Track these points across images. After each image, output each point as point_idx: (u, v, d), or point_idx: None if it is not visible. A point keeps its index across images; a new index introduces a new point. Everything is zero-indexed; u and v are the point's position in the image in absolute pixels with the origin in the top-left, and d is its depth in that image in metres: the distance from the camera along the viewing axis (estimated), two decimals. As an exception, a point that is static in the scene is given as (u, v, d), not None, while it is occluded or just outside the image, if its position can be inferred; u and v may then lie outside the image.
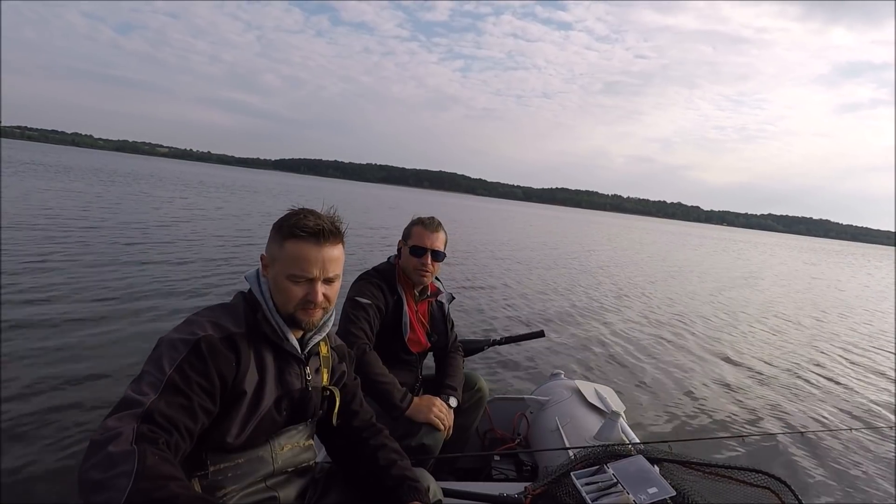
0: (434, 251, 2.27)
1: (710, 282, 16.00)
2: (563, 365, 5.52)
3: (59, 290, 6.06)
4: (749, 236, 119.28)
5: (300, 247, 1.33)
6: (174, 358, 1.18)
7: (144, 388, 1.14)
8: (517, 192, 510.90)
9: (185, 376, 1.17)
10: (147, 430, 1.06)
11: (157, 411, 1.11)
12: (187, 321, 1.29)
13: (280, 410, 1.37)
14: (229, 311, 1.34)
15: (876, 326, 11.22)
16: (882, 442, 4.49)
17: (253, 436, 1.31)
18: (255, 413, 1.30)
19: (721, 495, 1.52)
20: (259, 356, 1.33)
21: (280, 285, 1.35)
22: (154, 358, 1.21)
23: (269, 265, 1.38)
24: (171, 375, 1.16)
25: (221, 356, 1.23)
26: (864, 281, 25.08)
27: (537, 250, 19.78)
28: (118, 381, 3.90)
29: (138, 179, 33.95)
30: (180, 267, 8.20)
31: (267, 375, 1.33)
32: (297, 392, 1.40)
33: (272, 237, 1.38)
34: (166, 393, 1.14)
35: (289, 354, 1.39)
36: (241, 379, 1.27)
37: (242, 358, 1.27)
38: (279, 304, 1.37)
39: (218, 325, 1.27)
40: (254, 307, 1.37)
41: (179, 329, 1.26)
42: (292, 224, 1.34)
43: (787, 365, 6.91)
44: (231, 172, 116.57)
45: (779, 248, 58.02)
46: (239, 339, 1.28)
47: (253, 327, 1.33)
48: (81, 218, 12.22)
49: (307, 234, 1.33)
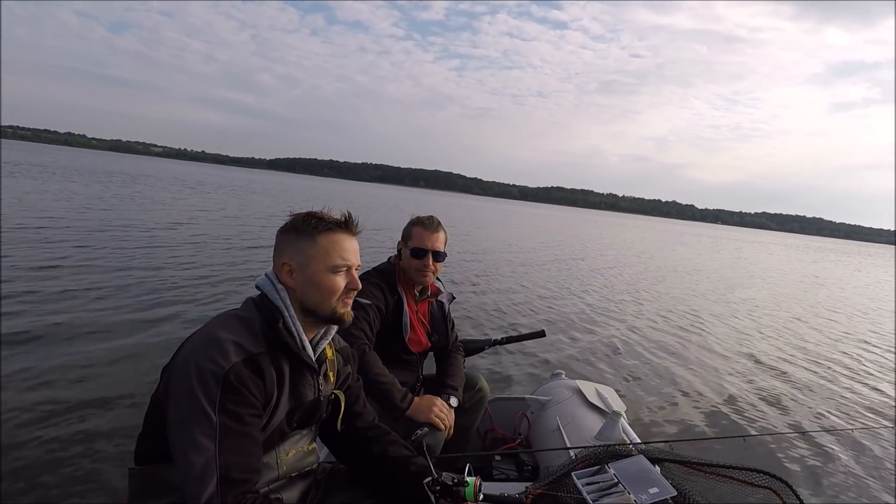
0: (435, 252, 2.26)
1: (709, 281, 16.02)
2: (564, 365, 5.53)
3: (59, 290, 6.03)
4: (744, 234, 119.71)
5: (336, 237, 1.36)
6: (212, 398, 1.16)
7: (201, 441, 1.14)
8: (513, 191, 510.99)
9: (232, 414, 1.18)
10: (232, 499, 1.12)
11: (231, 468, 1.14)
12: (208, 340, 1.24)
13: (291, 422, 1.37)
14: (247, 326, 1.29)
15: (875, 325, 11.24)
16: (883, 442, 4.49)
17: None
18: (266, 427, 1.29)
19: (722, 495, 1.52)
20: (279, 372, 1.31)
21: (322, 282, 1.34)
22: (186, 392, 1.18)
23: (297, 269, 1.35)
24: (220, 421, 1.16)
25: (251, 382, 1.22)
26: (864, 279, 25.13)
27: (537, 249, 19.77)
28: (119, 381, 3.89)
29: (136, 179, 33.75)
30: (186, 271, 8.08)
31: (284, 389, 1.32)
32: (309, 403, 1.40)
33: (293, 240, 1.36)
34: (226, 441, 1.15)
35: (304, 364, 1.37)
36: (267, 399, 1.27)
37: (267, 380, 1.26)
38: (318, 304, 1.36)
39: (240, 347, 1.23)
40: (271, 318, 1.32)
41: (201, 351, 1.22)
42: (318, 219, 1.36)
43: (787, 364, 6.93)
44: (226, 172, 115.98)
45: (775, 247, 58.22)
46: (261, 360, 1.26)
47: (271, 341, 1.30)
48: (79, 220, 12.06)
49: (338, 224, 1.36)
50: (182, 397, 1.18)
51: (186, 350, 1.25)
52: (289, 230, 1.37)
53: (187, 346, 1.27)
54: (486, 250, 16.89)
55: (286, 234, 1.38)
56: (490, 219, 42.24)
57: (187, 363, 1.21)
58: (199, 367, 1.19)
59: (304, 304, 1.35)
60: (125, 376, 4.01)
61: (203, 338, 1.26)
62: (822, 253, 57.38)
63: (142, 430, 1.31)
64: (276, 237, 1.41)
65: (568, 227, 44.11)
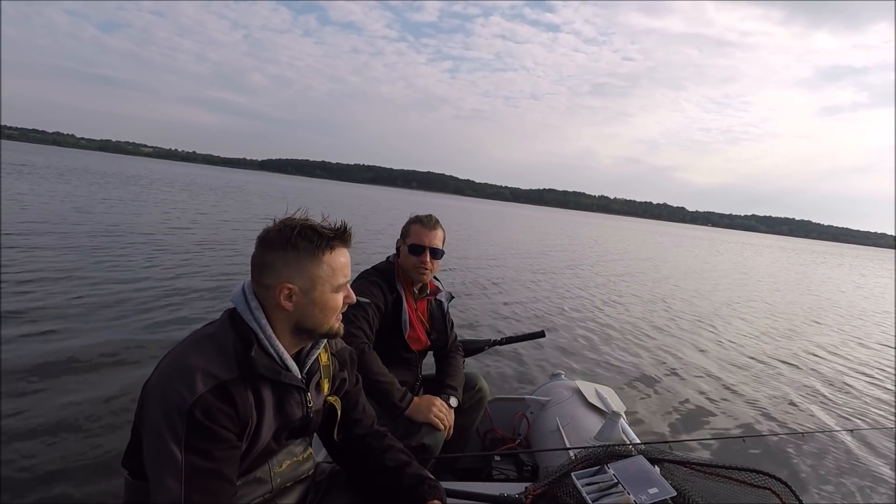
0: (433, 249, 2.27)
1: (709, 283, 16.06)
2: (564, 365, 5.53)
3: (58, 290, 6.00)
4: (735, 237, 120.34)
5: (338, 254, 1.29)
6: (177, 435, 1.11)
7: (168, 482, 1.10)
8: (505, 192, 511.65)
9: (200, 452, 1.12)
10: None
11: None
12: (176, 367, 1.18)
13: (280, 440, 1.33)
14: (219, 348, 1.21)
15: (875, 326, 11.29)
16: (882, 442, 4.50)
17: (249, 464, 1.27)
18: (251, 450, 1.25)
19: (722, 496, 1.51)
20: (257, 396, 1.23)
21: (327, 303, 1.28)
22: (153, 428, 1.14)
23: (299, 293, 1.25)
24: (187, 460, 1.11)
25: (220, 413, 1.14)
26: (863, 282, 25.28)
27: (535, 249, 19.76)
28: (120, 381, 3.87)
29: (133, 181, 33.42)
30: (187, 270, 8.03)
31: (265, 413, 1.25)
32: (297, 420, 1.34)
33: (292, 260, 1.24)
34: (192, 481, 1.11)
35: (288, 385, 1.30)
36: (242, 426, 1.20)
37: (239, 407, 1.18)
38: (317, 325, 1.29)
39: (208, 375, 1.15)
40: (245, 339, 1.23)
41: (168, 381, 1.16)
42: (318, 235, 1.26)
43: (787, 364, 6.94)
44: (217, 173, 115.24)
45: (767, 249, 58.53)
46: (232, 387, 1.17)
47: (246, 365, 1.21)
48: (68, 223, 11.85)
49: (339, 239, 1.29)
50: (150, 432, 1.15)
51: (156, 377, 1.20)
52: (285, 247, 1.23)
53: (160, 367, 1.22)
54: (483, 251, 16.84)
55: (282, 252, 1.24)
56: (485, 220, 42.19)
57: (155, 393, 1.17)
58: (165, 399, 1.14)
59: (301, 325, 1.28)
60: (126, 376, 3.99)
61: (173, 361, 1.20)
62: (814, 255, 57.80)
63: (130, 440, 1.27)
64: (261, 251, 1.26)
65: (563, 229, 44.14)
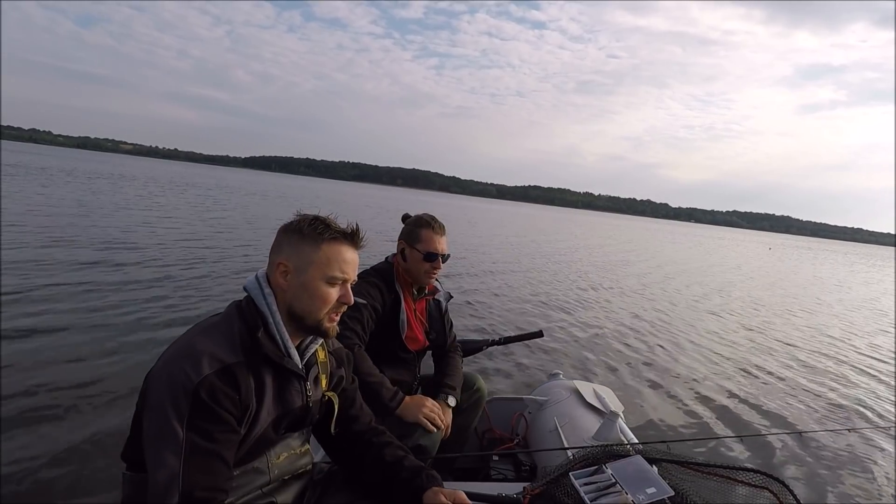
0: (444, 255, 2.26)
1: (705, 280, 16.13)
2: (562, 365, 5.51)
3: (58, 289, 5.96)
4: (717, 232, 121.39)
5: (340, 248, 1.33)
6: (181, 413, 1.15)
7: (167, 457, 1.13)
8: (490, 189, 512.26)
9: (201, 431, 1.15)
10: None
11: (195, 487, 1.12)
12: (184, 350, 1.22)
13: (278, 429, 1.35)
14: (224, 334, 1.26)
15: (875, 325, 11.33)
16: (882, 442, 4.51)
17: (248, 452, 1.29)
18: (249, 436, 1.27)
19: (719, 495, 1.52)
20: (259, 381, 1.27)
21: (315, 290, 1.31)
22: (157, 405, 1.17)
23: (292, 271, 1.32)
24: (188, 438, 1.14)
25: (223, 395, 1.18)
26: (859, 279, 25.51)
27: (533, 251, 19.65)
28: (119, 382, 3.85)
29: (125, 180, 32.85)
30: (185, 271, 7.91)
31: (265, 399, 1.29)
32: (297, 409, 1.37)
33: (295, 241, 1.32)
34: (192, 458, 1.14)
35: (289, 372, 1.34)
36: (242, 411, 1.24)
37: (242, 391, 1.22)
38: (307, 312, 1.32)
39: (214, 358, 1.20)
40: (253, 324, 1.29)
41: (175, 362, 1.20)
42: (325, 226, 1.32)
43: (786, 365, 6.94)
44: (200, 170, 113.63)
45: (752, 245, 58.81)
46: (237, 370, 1.22)
47: (251, 350, 1.26)
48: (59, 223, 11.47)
49: (344, 235, 1.34)
50: (153, 410, 1.18)
51: (163, 360, 1.24)
52: (293, 230, 1.33)
53: (166, 354, 1.25)
54: (481, 251, 16.71)
55: (289, 234, 1.34)
56: (474, 218, 42.05)
57: (161, 374, 1.20)
58: (172, 379, 1.17)
59: (292, 308, 1.32)
60: (125, 375, 3.98)
61: (180, 347, 1.24)
62: (798, 251, 58.29)
63: (129, 434, 1.29)
64: (277, 234, 1.37)
65: (552, 227, 44.22)
